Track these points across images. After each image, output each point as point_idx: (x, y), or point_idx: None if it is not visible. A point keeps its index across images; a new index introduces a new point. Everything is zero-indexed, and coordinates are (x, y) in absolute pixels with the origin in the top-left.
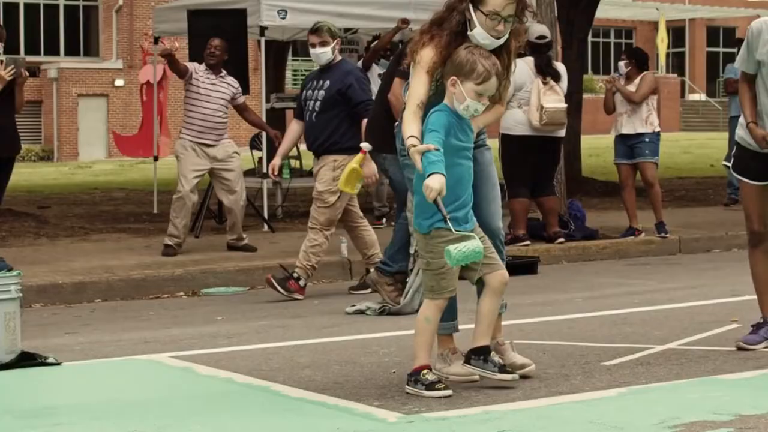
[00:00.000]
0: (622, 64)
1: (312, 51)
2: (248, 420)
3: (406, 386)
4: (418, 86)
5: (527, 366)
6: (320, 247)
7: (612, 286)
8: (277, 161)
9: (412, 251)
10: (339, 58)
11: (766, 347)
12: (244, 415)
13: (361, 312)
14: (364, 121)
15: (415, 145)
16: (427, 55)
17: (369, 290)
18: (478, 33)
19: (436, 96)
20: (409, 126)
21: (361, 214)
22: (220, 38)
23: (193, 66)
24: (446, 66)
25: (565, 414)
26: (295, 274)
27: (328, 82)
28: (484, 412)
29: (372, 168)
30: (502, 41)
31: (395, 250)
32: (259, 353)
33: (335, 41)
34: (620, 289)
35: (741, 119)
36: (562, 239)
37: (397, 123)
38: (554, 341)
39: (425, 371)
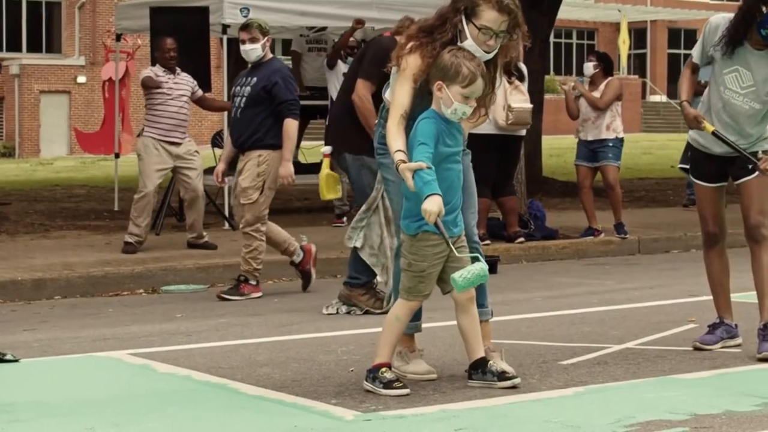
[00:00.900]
0: (591, 65)
1: (242, 47)
2: (205, 418)
3: (365, 382)
4: (403, 95)
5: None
6: (257, 250)
7: (571, 286)
8: (221, 167)
9: (350, 245)
10: (270, 55)
11: (722, 347)
12: (201, 413)
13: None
14: (286, 121)
15: (404, 161)
16: (414, 63)
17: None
18: (469, 45)
19: (421, 105)
20: (395, 140)
21: None
22: (171, 37)
23: (153, 71)
24: (431, 71)
25: (522, 413)
26: (242, 277)
27: (255, 79)
28: (441, 410)
29: (288, 168)
30: (491, 56)
31: (358, 262)
32: (217, 351)
33: (266, 38)
34: (579, 288)
35: None
36: (522, 239)
37: (375, 122)
38: (512, 340)
39: (384, 369)
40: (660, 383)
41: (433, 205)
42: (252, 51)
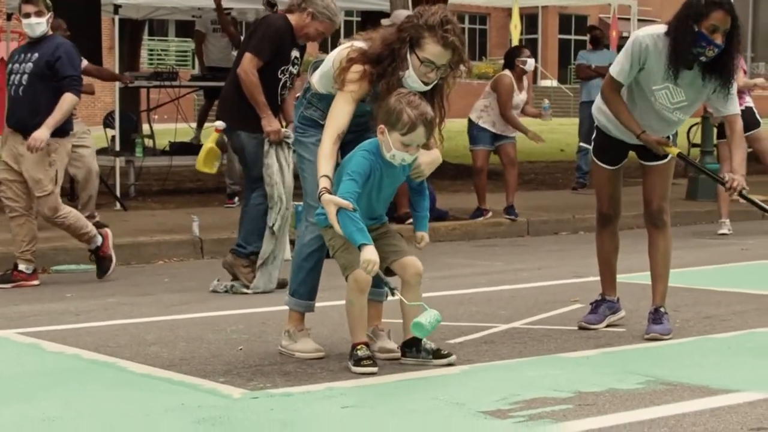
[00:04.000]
0: (534, 62)
1: (26, 21)
2: (93, 395)
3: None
4: (343, 116)
5: (394, 352)
6: (77, 220)
7: (460, 267)
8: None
9: (270, 224)
10: (51, 32)
11: (607, 326)
12: (89, 391)
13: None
14: (65, 95)
15: (327, 189)
16: (363, 89)
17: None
18: (410, 76)
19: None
20: (325, 163)
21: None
22: (60, 18)
23: None
24: (378, 111)
25: (409, 390)
26: (93, 248)
27: (36, 55)
28: (328, 388)
29: (43, 133)
30: (428, 87)
31: (248, 232)
32: (106, 330)
33: (50, 13)
34: (468, 269)
35: (603, 107)
36: (411, 220)
37: (298, 96)
38: (400, 320)
39: (360, 347)
40: (545, 362)
41: (371, 254)
42: (37, 25)
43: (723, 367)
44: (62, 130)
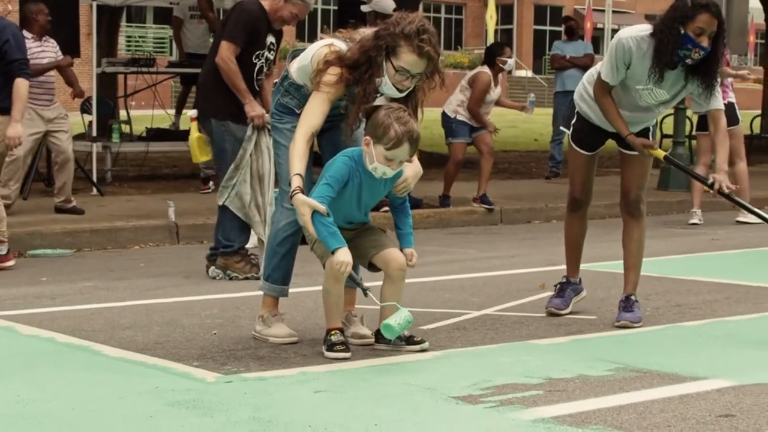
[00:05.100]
0: (513, 62)
1: None
2: (67, 378)
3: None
4: (316, 116)
5: (367, 338)
6: None
7: (433, 254)
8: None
9: (221, 203)
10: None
11: (573, 312)
12: (64, 374)
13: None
14: (18, 81)
15: (300, 188)
16: (339, 90)
17: None
18: (386, 83)
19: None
20: (298, 161)
21: None
22: (42, 2)
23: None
24: (368, 122)
25: (382, 375)
26: None
27: None
28: (301, 373)
29: (16, 129)
30: (403, 94)
31: (230, 230)
32: (81, 314)
33: None
34: (441, 257)
35: (585, 96)
36: (386, 208)
37: (276, 82)
38: (374, 306)
39: (333, 332)
40: (517, 348)
41: (344, 256)
42: None
43: (692, 354)
44: (4, 108)
